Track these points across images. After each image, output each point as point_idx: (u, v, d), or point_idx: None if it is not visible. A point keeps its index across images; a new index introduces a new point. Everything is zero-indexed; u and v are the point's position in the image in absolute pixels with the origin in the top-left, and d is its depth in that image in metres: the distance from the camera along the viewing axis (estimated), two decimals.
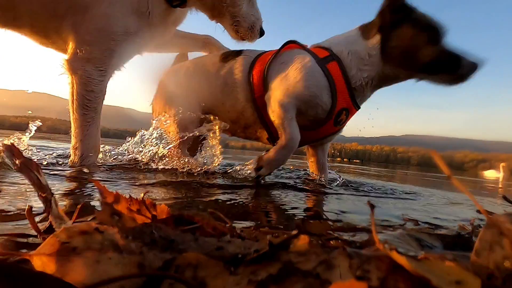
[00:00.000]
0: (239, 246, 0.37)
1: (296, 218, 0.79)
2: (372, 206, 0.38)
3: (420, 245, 0.47)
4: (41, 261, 0.29)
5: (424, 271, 0.27)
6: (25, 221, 0.53)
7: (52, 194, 0.45)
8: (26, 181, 0.44)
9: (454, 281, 0.27)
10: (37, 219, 0.51)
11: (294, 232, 0.37)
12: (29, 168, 0.43)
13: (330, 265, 0.31)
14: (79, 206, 0.45)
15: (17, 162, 0.42)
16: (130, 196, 0.43)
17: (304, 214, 0.86)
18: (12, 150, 0.43)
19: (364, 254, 0.32)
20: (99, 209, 0.41)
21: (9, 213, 0.60)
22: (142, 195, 0.45)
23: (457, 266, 0.29)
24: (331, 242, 0.46)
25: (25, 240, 0.42)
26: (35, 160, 1.37)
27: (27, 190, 0.86)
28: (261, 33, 1.80)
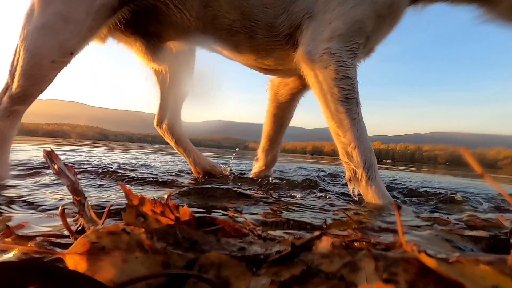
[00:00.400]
0: (261, 247, 0.38)
1: (319, 218, 0.78)
2: (397, 207, 0.37)
3: (452, 247, 0.45)
4: (73, 260, 0.31)
5: (456, 275, 0.26)
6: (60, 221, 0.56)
7: (85, 198, 0.47)
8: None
9: (490, 286, 0.26)
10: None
11: (317, 233, 0.37)
12: (66, 173, 0.46)
13: (355, 267, 0.30)
14: (107, 208, 0.47)
15: (55, 167, 0.45)
16: (154, 198, 0.44)
17: (326, 214, 0.84)
18: (51, 156, 0.45)
19: (390, 256, 0.31)
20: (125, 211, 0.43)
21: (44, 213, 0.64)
22: (165, 197, 0.46)
23: (493, 270, 0.27)
24: (355, 243, 0.45)
25: (58, 240, 0.45)
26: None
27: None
28: None
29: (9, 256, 0.35)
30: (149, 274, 0.31)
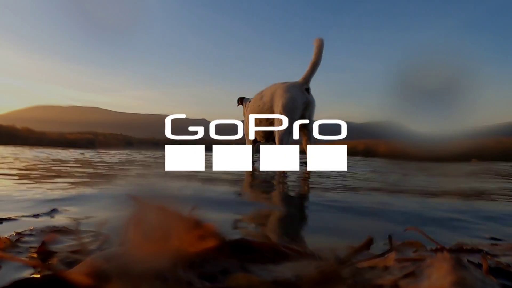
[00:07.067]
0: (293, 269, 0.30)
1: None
2: None
3: None
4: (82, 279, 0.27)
5: None
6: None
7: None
8: None
9: None
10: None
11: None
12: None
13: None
14: (124, 228, 0.44)
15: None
16: (179, 214, 0.40)
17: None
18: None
19: None
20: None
21: None
22: (190, 212, 0.42)
23: None
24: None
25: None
26: None
27: None
28: None
29: (33, 272, 0.34)
30: None
